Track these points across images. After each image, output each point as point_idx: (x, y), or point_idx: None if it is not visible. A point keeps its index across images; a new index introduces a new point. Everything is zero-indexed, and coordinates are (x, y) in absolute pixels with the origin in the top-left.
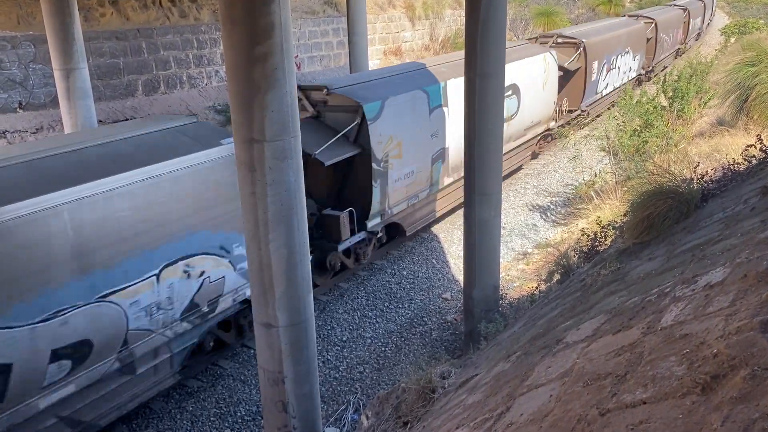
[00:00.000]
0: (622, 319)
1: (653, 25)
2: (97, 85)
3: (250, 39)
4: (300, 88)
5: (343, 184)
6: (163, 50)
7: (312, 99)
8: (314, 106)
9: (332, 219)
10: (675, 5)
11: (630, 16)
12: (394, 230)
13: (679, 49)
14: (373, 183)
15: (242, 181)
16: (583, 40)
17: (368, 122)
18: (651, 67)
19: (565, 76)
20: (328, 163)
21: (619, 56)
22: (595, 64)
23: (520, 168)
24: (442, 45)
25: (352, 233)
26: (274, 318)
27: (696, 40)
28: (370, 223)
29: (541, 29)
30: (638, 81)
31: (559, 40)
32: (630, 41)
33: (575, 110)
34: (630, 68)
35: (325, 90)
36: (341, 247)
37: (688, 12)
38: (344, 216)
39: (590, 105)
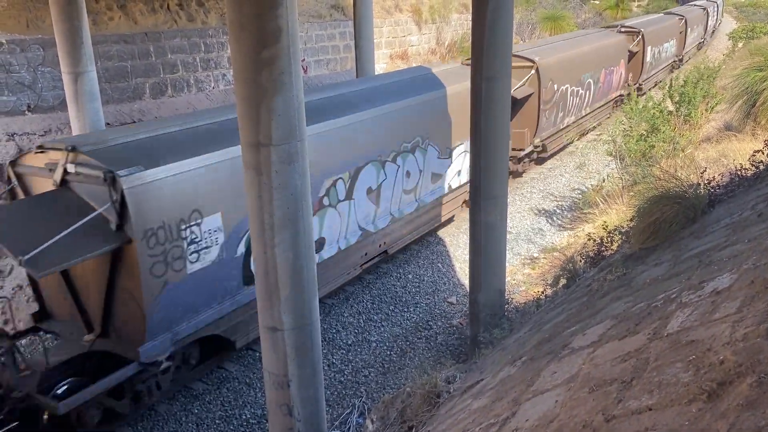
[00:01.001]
0: (629, 325)
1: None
2: (105, 88)
3: (257, 43)
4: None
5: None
6: (171, 54)
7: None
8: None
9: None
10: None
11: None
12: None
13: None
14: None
15: (249, 185)
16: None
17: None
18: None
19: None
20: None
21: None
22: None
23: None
24: (448, 49)
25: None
26: (280, 321)
27: (698, 49)
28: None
29: (547, 34)
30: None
31: None
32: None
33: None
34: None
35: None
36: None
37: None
38: None
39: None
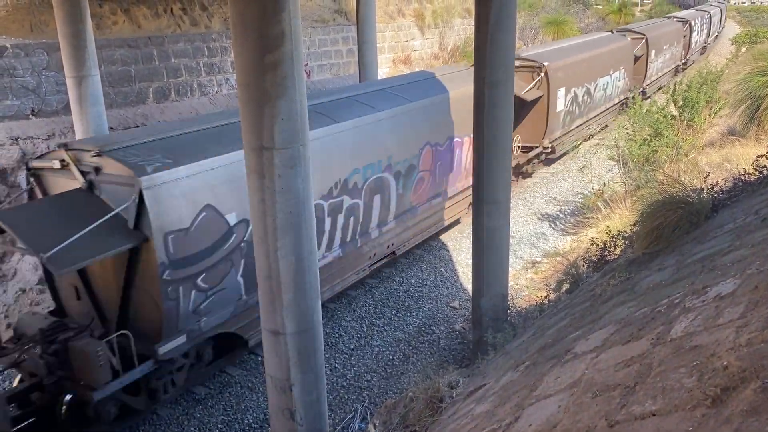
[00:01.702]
0: (632, 330)
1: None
2: (108, 92)
3: (260, 47)
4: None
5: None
6: (174, 58)
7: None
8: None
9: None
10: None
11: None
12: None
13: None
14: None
15: (252, 189)
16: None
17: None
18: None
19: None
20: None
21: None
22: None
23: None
24: (451, 54)
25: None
26: (282, 325)
27: (701, 53)
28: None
29: (550, 38)
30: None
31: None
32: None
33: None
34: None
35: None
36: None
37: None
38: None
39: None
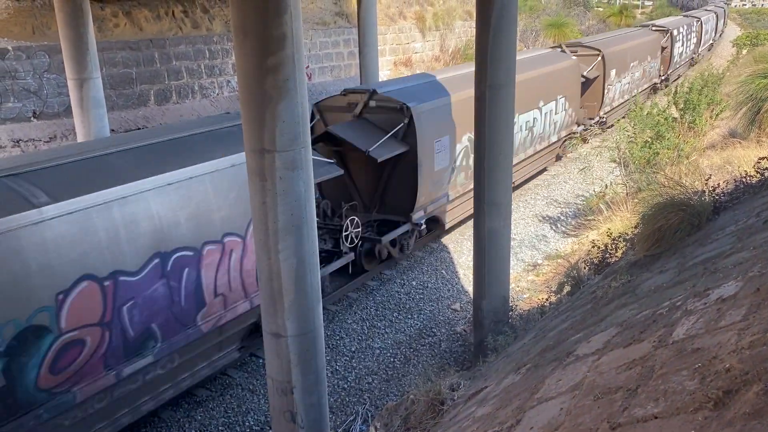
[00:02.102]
0: (633, 332)
1: (668, 35)
2: (110, 94)
3: (262, 50)
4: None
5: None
6: (176, 60)
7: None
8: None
9: None
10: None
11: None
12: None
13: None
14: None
15: (253, 191)
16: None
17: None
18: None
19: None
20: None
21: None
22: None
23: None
24: (452, 56)
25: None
26: (283, 327)
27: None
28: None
29: (551, 40)
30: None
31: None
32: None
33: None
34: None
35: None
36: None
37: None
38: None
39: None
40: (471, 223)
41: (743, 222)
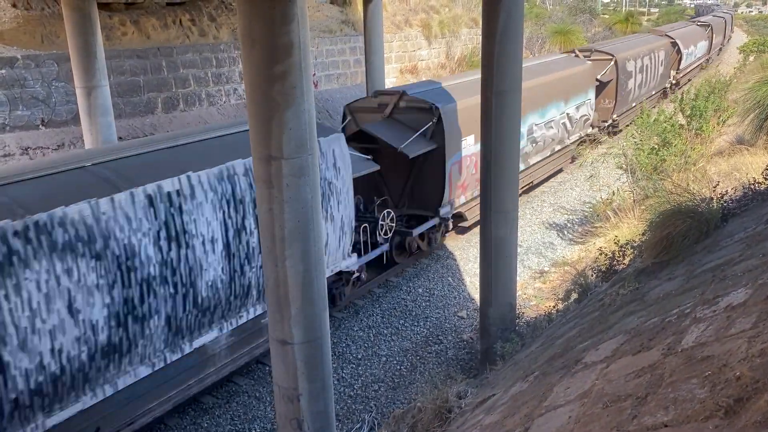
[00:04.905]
0: (642, 340)
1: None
2: (117, 102)
3: (269, 58)
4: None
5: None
6: (183, 68)
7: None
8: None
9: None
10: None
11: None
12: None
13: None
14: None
15: (260, 198)
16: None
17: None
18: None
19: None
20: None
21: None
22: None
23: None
24: (458, 63)
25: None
26: (290, 334)
27: (718, 54)
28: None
29: (557, 47)
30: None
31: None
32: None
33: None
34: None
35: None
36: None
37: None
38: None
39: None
40: (477, 230)
41: (752, 229)
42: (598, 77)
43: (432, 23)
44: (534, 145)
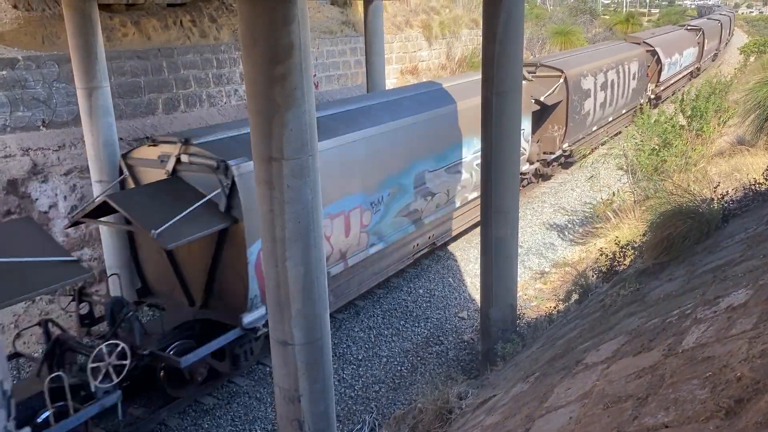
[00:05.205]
0: (643, 341)
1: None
2: (118, 103)
3: (270, 59)
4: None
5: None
6: (184, 69)
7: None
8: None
9: None
10: (712, 18)
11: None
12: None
13: (715, 54)
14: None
15: (261, 199)
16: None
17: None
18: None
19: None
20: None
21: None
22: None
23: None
24: (458, 64)
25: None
26: (291, 336)
27: (725, 45)
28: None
29: (557, 48)
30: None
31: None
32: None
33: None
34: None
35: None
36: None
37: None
38: None
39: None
40: (478, 230)
41: (753, 230)
42: (541, 99)
43: (432, 24)
44: (427, 199)
